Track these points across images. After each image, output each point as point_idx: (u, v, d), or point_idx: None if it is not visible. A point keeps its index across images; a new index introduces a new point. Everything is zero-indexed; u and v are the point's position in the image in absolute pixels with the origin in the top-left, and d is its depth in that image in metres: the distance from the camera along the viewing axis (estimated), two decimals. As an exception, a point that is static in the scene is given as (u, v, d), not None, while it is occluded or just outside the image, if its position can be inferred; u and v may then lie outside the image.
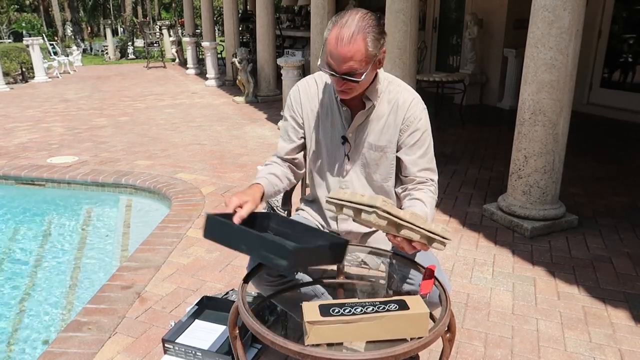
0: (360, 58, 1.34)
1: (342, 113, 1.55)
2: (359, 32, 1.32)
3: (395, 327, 1.11)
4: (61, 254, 3.20)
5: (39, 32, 22.16)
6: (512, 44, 6.77)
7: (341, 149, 1.58)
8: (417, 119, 1.52)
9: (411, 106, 1.52)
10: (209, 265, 2.65)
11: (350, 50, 1.32)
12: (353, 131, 1.55)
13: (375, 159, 1.57)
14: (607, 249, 2.79)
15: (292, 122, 1.62)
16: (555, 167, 2.94)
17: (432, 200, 1.50)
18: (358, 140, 1.56)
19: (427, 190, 1.52)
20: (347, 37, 1.31)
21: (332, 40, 1.33)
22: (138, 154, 4.86)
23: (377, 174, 1.59)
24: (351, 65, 1.34)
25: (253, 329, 1.11)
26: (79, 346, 1.99)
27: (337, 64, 1.35)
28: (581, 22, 2.72)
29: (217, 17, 20.69)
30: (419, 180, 1.54)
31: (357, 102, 1.52)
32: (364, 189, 1.61)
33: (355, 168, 1.60)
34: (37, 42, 11.01)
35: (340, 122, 1.56)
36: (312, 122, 1.60)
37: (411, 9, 3.80)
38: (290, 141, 1.63)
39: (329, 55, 1.35)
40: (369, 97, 1.50)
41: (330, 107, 1.57)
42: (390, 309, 1.12)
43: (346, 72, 1.35)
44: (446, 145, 5.03)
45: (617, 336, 2.03)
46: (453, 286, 2.41)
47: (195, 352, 1.89)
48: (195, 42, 12.13)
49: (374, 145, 1.55)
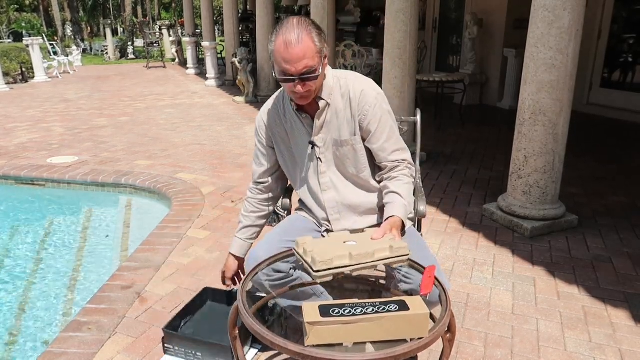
0: (312, 54, 1.39)
1: (302, 121, 1.60)
2: (302, 31, 1.38)
3: (396, 327, 1.10)
4: (61, 254, 3.20)
5: (38, 32, 22.17)
6: (512, 44, 6.77)
7: (312, 154, 1.63)
8: (372, 105, 1.56)
9: (362, 95, 1.55)
10: (209, 265, 2.65)
11: (302, 49, 1.37)
12: (317, 133, 1.59)
13: (345, 153, 1.61)
14: (607, 249, 2.79)
15: (260, 147, 1.72)
16: (555, 167, 2.94)
17: (407, 186, 1.57)
18: (325, 141, 1.61)
19: (401, 176, 1.58)
20: (294, 39, 1.37)
21: (281, 46, 1.38)
22: (138, 154, 4.86)
23: (351, 168, 1.63)
24: (306, 63, 1.39)
25: (253, 329, 1.11)
26: (79, 346, 1.99)
27: (292, 66, 1.39)
28: (581, 22, 2.72)
29: (217, 17, 20.69)
30: (392, 165, 1.60)
31: (313, 106, 1.56)
32: (345, 185, 1.65)
33: (330, 167, 1.64)
34: (37, 42, 11.02)
35: (304, 130, 1.61)
36: (279, 139, 1.67)
37: (411, 9, 3.80)
38: (260, 165, 1.74)
39: (283, 61, 1.39)
40: (321, 97, 1.54)
41: (292, 120, 1.62)
42: (391, 310, 1.12)
43: (303, 72, 1.39)
44: (446, 145, 5.03)
45: (617, 336, 2.03)
46: (453, 286, 2.41)
47: (195, 353, 1.89)
48: (195, 42, 12.14)
49: (339, 141, 1.59)
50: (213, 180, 4.04)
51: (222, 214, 3.35)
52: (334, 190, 1.65)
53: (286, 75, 1.41)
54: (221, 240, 2.93)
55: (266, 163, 1.73)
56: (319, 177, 1.64)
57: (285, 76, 1.41)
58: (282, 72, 1.42)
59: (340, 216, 1.67)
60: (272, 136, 1.68)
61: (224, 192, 3.77)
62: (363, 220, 1.67)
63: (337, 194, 1.65)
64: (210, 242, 2.92)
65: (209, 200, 3.59)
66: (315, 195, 1.68)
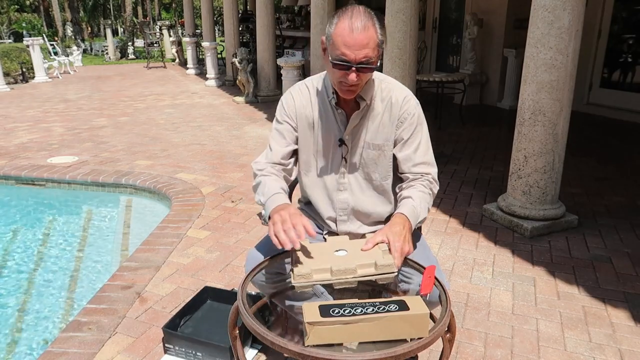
0: (374, 45, 1.35)
1: (337, 116, 1.54)
2: (368, 20, 1.34)
3: (396, 327, 1.11)
4: (61, 254, 3.20)
5: (39, 32, 22.16)
6: (512, 44, 6.77)
7: (338, 152, 1.58)
8: (411, 114, 1.53)
9: (404, 102, 1.53)
10: (209, 265, 2.65)
11: (366, 36, 1.33)
12: (349, 133, 1.55)
13: (374, 158, 1.57)
14: (607, 249, 2.79)
15: (287, 126, 1.59)
16: (555, 167, 2.94)
17: (421, 194, 1.50)
18: (355, 142, 1.56)
19: (418, 185, 1.53)
20: (360, 26, 1.32)
21: (345, 30, 1.33)
22: (138, 154, 4.87)
23: (375, 173, 1.59)
24: (367, 52, 1.34)
25: (253, 329, 1.11)
26: (79, 346, 1.99)
27: (353, 52, 1.33)
28: (581, 22, 2.72)
29: (217, 17, 20.69)
30: (413, 177, 1.55)
31: (351, 104, 1.52)
32: (362, 190, 1.61)
33: (353, 169, 1.59)
34: (37, 42, 11.01)
35: (335, 126, 1.55)
36: (306, 127, 1.59)
37: (411, 9, 3.80)
38: (286, 144, 1.59)
39: (343, 45, 1.33)
40: (363, 97, 1.49)
41: (324, 112, 1.56)
42: (390, 310, 1.12)
43: (362, 61, 1.34)
44: (446, 145, 5.03)
45: (617, 336, 2.03)
46: (453, 286, 2.41)
47: (195, 353, 1.89)
48: (195, 42, 12.14)
49: (372, 144, 1.55)
50: (213, 180, 4.04)
51: (222, 214, 3.35)
52: (349, 193, 1.61)
53: (343, 62, 1.35)
54: (221, 240, 2.94)
55: (292, 143, 1.59)
56: (339, 176, 1.60)
57: (343, 62, 1.35)
58: (339, 57, 1.35)
59: (348, 219, 1.64)
60: (298, 118, 1.58)
61: (224, 192, 3.77)
62: (368, 228, 1.66)
63: (352, 196, 1.61)
64: (210, 242, 2.92)
65: (209, 200, 3.59)
66: (329, 192, 1.63)
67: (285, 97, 1.62)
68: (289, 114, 1.59)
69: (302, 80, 1.64)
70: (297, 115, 1.58)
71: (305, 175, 1.67)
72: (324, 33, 1.45)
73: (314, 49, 5.59)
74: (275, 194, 1.43)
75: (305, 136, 1.59)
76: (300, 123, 1.59)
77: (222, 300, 2.20)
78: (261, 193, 1.48)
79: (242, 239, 2.96)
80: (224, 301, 2.19)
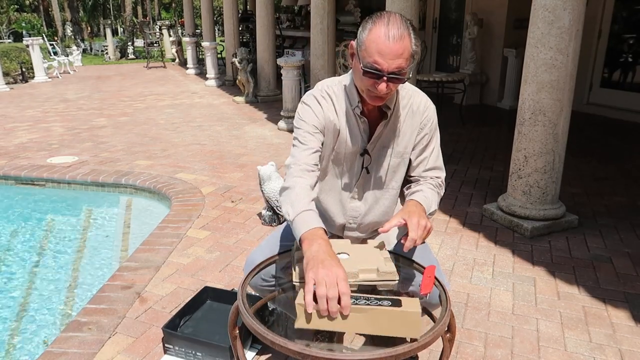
0: (407, 56, 1.31)
1: (360, 125, 1.49)
2: (405, 29, 1.29)
3: (385, 322, 1.09)
4: (61, 254, 3.20)
5: (38, 32, 22.16)
6: (512, 44, 6.77)
7: (358, 161, 1.54)
8: (431, 121, 1.54)
9: (425, 109, 1.53)
10: (209, 265, 2.65)
11: (402, 46, 1.28)
12: (373, 142, 1.51)
13: (394, 166, 1.55)
14: (607, 249, 2.79)
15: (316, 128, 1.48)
16: (555, 167, 2.94)
17: (431, 190, 1.51)
18: (377, 151, 1.53)
19: (428, 184, 1.54)
20: (397, 34, 1.27)
21: (381, 37, 1.27)
22: (138, 154, 4.86)
23: (393, 181, 1.58)
24: (400, 63, 1.29)
25: (253, 329, 1.11)
26: (79, 346, 1.99)
27: (387, 61, 1.28)
28: (581, 22, 2.72)
29: (217, 17, 20.69)
30: (424, 180, 1.56)
31: (374, 112, 1.48)
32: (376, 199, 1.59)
33: (374, 179, 1.56)
34: (37, 42, 11.01)
35: (358, 135, 1.50)
36: (330, 133, 1.51)
37: (411, 9, 3.80)
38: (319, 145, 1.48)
39: (377, 53, 1.28)
40: (388, 106, 1.45)
41: (347, 120, 1.50)
42: (383, 305, 1.11)
43: (394, 71, 1.30)
44: (446, 145, 5.02)
45: (617, 336, 2.03)
46: (453, 286, 2.41)
47: (195, 353, 1.89)
48: (195, 42, 12.14)
49: (393, 152, 1.53)
50: (213, 180, 4.04)
51: (222, 214, 3.35)
52: (363, 202, 1.59)
53: (375, 70, 1.30)
54: (221, 240, 2.93)
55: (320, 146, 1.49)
56: (355, 185, 1.57)
57: (375, 70, 1.30)
58: (371, 65, 1.30)
59: (357, 227, 1.63)
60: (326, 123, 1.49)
61: (224, 192, 3.76)
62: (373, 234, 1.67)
63: (365, 205, 1.60)
64: (210, 242, 2.92)
65: (209, 200, 3.59)
66: (342, 201, 1.60)
67: (310, 101, 1.51)
68: (318, 118, 1.49)
69: (319, 86, 1.54)
70: (325, 120, 1.50)
71: (320, 180, 1.62)
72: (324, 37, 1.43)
73: (314, 49, 5.59)
74: (305, 212, 1.29)
75: (327, 142, 1.52)
76: (327, 129, 1.51)
77: (222, 300, 2.20)
78: (290, 204, 1.33)
79: (242, 239, 2.96)
80: (223, 301, 2.19)
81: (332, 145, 1.53)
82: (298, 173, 1.41)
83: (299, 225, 1.27)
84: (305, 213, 1.29)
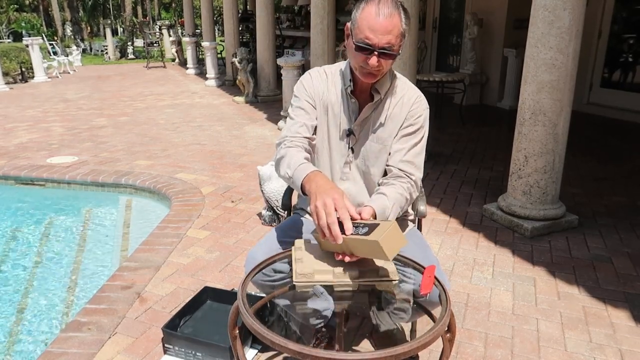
0: (397, 33, 1.37)
1: (350, 105, 1.56)
2: (395, 8, 1.36)
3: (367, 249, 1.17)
4: (61, 254, 3.20)
5: (38, 32, 22.15)
6: (512, 44, 6.77)
7: (344, 141, 1.60)
8: (417, 114, 1.56)
9: (415, 102, 1.56)
10: (209, 265, 2.65)
11: (391, 23, 1.35)
12: (359, 124, 1.57)
13: (375, 151, 1.58)
14: (607, 249, 2.79)
15: (308, 104, 1.59)
16: (555, 167, 2.94)
17: (398, 196, 1.47)
18: (362, 133, 1.58)
19: (399, 185, 1.51)
20: (387, 12, 1.35)
21: (371, 14, 1.35)
22: (138, 154, 4.86)
23: (374, 167, 1.61)
24: (389, 39, 1.36)
25: (253, 329, 1.11)
26: (79, 346, 1.99)
27: (377, 36, 1.35)
28: (581, 22, 2.72)
29: (217, 17, 20.69)
30: (396, 173, 1.54)
31: (365, 95, 1.55)
32: (361, 182, 1.64)
33: (356, 161, 1.62)
34: (36, 42, 11.01)
35: (347, 114, 1.57)
36: (322, 110, 1.60)
37: (411, 9, 3.80)
38: (309, 119, 1.57)
39: (368, 29, 1.36)
40: (378, 90, 1.52)
41: (339, 99, 1.58)
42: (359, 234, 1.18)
43: (384, 46, 1.36)
44: (446, 145, 5.02)
45: (617, 336, 2.03)
46: (453, 286, 2.41)
47: (195, 353, 1.89)
48: (195, 42, 12.14)
49: (376, 138, 1.57)
50: (213, 180, 4.04)
51: (222, 214, 3.35)
52: (352, 183, 1.64)
53: (367, 45, 1.37)
54: (221, 240, 2.93)
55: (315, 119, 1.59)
56: (343, 165, 1.62)
57: (366, 45, 1.37)
58: (363, 40, 1.37)
59: None
60: (316, 99, 1.59)
61: (224, 192, 3.76)
62: None
63: (354, 186, 1.64)
64: (210, 242, 2.92)
65: (209, 200, 3.59)
66: (333, 180, 1.64)
67: (305, 78, 1.63)
68: (309, 93, 1.60)
69: (320, 67, 1.66)
70: (316, 95, 1.59)
71: (315, 158, 1.67)
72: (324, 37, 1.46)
73: (314, 48, 5.59)
74: (302, 164, 1.40)
75: (321, 119, 1.61)
76: (318, 104, 1.60)
77: (222, 300, 2.20)
78: (286, 165, 1.44)
79: (242, 239, 2.96)
80: (223, 301, 2.19)
81: (324, 123, 1.60)
82: (288, 144, 1.52)
83: (299, 174, 1.38)
84: (302, 165, 1.40)
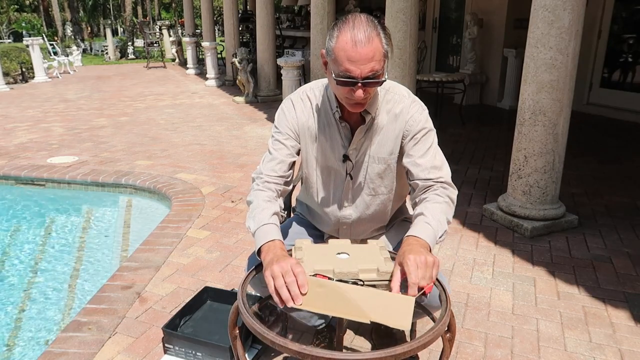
0: (380, 57, 1.25)
1: (341, 130, 1.46)
2: (372, 30, 1.24)
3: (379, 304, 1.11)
4: (61, 254, 3.20)
5: (38, 32, 22.18)
6: (512, 44, 6.77)
7: (342, 168, 1.51)
8: (416, 121, 1.45)
9: (409, 111, 1.45)
10: (209, 265, 2.65)
11: (371, 49, 1.22)
12: (354, 148, 1.47)
13: (379, 172, 1.50)
14: (607, 249, 2.79)
15: (288, 136, 1.48)
16: (555, 167, 2.94)
17: (436, 206, 1.37)
18: (359, 157, 1.49)
19: (432, 195, 1.40)
20: (364, 37, 1.22)
21: (348, 44, 1.22)
22: (138, 154, 4.86)
23: (382, 187, 1.54)
24: (373, 66, 1.24)
25: (253, 329, 1.11)
26: (79, 346, 1.99)
27: (358, 67, 1.23)
28: (581, 22, 2.72)
29: (217, 17, 20.69)
30: (423, 185, 1.43)
31: (355, 117, 1.44)
32: (367, 206, 1.57)
33: (358, 186, 1.53)
34: (37, 42, 11.01)
35: (339, 140, 1.47)
36: (308, 139, 1.49)
37: (411, 9, 3.80)
38: (287, 153, 1.47)
39: (347, 60, 1.23)
40: (367, 111, 1.40)
41: (327, 125, 1.47)
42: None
43: (368, 76, 1.25)
44: (446, 145, 5.02)
45: (617, 336, 2.03)
46: (453, 286, 2.41)
47: (195, 353, 1.89)
48: (195, 42, 12.15)
49: (377, 158, 1.48)
50: (213, 180, 4.04)
51: (222, 214, 3.35)
52: (353, 209, 1.57)
53: (348, 78, 1.25)
54: (221, 240, 2.93)
55: (295, 153, 1.48)
56: (343, 193, 1.54)
57: (347, 78, 1.25)
58: (343, 74, 1.25)
59: (350, 231, 1.62)
60: (300, 129, 1.49)
61: (224, 192, 3.76)
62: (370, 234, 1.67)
63: (356, 212, 1.58)
64: (210, 242, 2.92)
65: (209, 200, 3.59)
66: (332, 209, 1.58)
67: (286, 105, 1.51)
68: (291, 124, 1.48)
69: (302, 89, 1.53)
70: (299, 126, 1.48)
71: (307, 190, 1.61)
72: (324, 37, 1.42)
73: (314, 48, 5.60)
74: (265, 225, 1.30)
75: (307, 149, 1.51)
76: (303, 135, 1.49)
77: (222, 300, 2.20)
78: (251, 218, 1.35)
79: (242, 239, 2.96)
80: (223, 301, 2.19)
81: (312, 152, 1.51)
82: (259, 186, 1.43)
83: (259, 238, 1.29)
84: (265, 226, 1.30)
